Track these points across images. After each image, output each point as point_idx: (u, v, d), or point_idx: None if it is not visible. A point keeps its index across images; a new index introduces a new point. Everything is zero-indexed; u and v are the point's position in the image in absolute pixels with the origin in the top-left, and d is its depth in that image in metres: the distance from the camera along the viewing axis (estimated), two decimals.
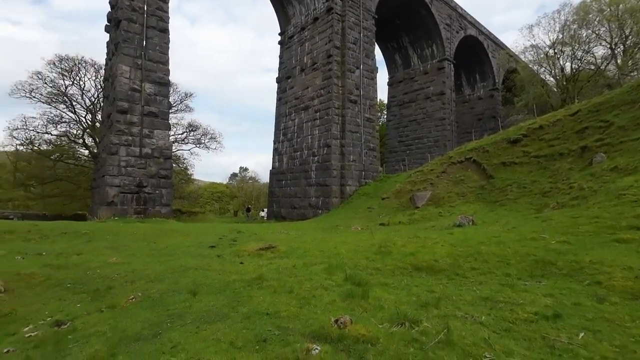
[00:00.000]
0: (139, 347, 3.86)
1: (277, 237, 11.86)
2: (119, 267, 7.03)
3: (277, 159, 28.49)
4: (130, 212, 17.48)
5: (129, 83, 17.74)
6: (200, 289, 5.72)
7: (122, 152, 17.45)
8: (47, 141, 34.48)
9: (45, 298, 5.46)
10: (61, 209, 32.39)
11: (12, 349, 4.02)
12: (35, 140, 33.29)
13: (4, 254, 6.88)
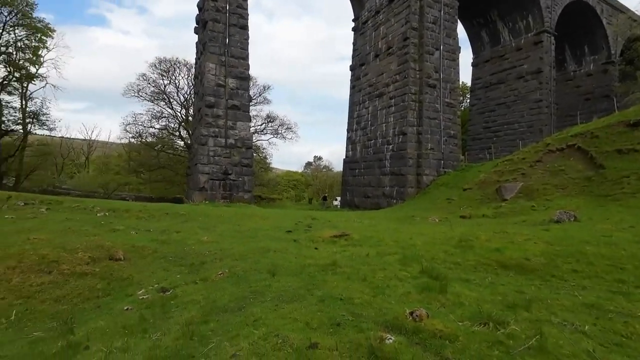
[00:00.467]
0: (226, 318, 4.27)
1: (350, 225, 11.95)
2: (209, 246, 7.84)
3: (350, 148, 28.51)
4: (218, 197, 19.35)
5: (215, 79, 19.43)
6: (278, 270, 6.07)
7: (210, 142, 19.32)
8: (151, 134, 40.04)
9: (153, 268, 6.38)
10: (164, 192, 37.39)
11: (130, 307, 4.80)
12: (143, 134, 38.93)
13: (123, 229, 8.24)
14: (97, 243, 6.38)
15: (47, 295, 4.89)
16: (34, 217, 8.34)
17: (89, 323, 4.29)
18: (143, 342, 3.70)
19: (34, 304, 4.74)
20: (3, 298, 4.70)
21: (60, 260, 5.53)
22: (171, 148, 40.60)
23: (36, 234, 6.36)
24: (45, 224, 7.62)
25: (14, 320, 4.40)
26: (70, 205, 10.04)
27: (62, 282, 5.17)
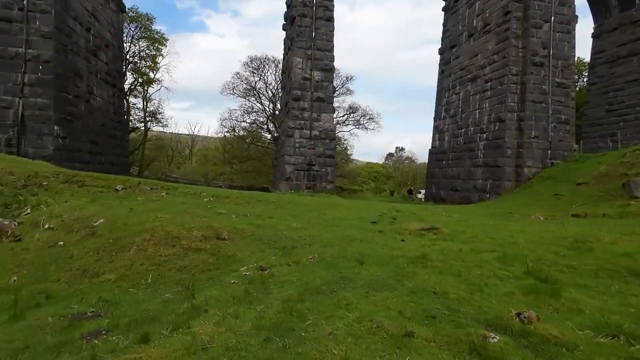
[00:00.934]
0: (320, 299, 4.51)
1: (437, 219, 11.38)
2: (299, 232, 8.30)
3: (437, 138, 26.91)
4: (302, 187, 20.30)
5: (301, 73, 20.24)
6: (366, 259, 6.14)
7: (296, 134, 20.29)
8: (243, 128, 43.83)
9: (252, 248, 7.04)
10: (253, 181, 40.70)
11: (236, 281, 5.40)
12: (236, 128, 42.83)
13: (225, 212, 9.28)
14: (207, 224, 7.30)
15: (172, 265, 5.82)
16: (158, 200, 9.93)
17: (205, 291, 4.97)
18: (250, 311, 4.15)
19: (163, 271, 5.69)
20: (142, 264, 5.75)
21: (180, 236, 6.51)
22: (260, 141, 43.87)
23: (161, 213, 7.57)
24: (167, 205, 9.01)
25: (150, 282, 5.36)
26: (183, 191, 11.66)
27: (182, 255, 6.09)
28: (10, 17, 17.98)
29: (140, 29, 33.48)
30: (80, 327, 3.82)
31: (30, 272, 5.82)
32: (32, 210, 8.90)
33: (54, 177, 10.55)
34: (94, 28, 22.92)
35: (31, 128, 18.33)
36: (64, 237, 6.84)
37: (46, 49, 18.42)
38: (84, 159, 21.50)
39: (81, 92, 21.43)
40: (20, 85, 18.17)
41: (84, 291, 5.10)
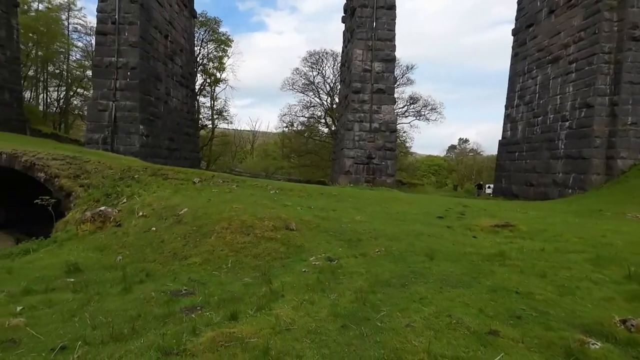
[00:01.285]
0: (391, 291, 4.52)
1: (512, 215, 10.57)
2: (363, 225, 8.34)
3: (509, 127, 24.76)
4: (362, 180, 20.21)
5: (361, 65, 20.02)
6: (436, 254, 5.98)
7: (356, 127, 20.21)
8: (301, 123, 44.84)
9: (318, 239, 7.26)
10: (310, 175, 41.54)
11: (307, 270, 5.64)
12: (294, 122, 43.98)
13: (291, 204, 9.66)
14: (277, 215, 7.69)
15: (248, 252, 6.27)
16: (230, 192, 10.69)
17: (279, 277, 5.27)
18: (324, 299, 4.32)
19: (241, 257, 6.15)
20: (222, 250, 6.29)
21: (254, 225, 6.97)
22: (317, 135, 44.54)
23: (235, 204, 8.16)
24: (239, 197, 9.67)
25: (230, 267, 5.84)
26: (251, 183, 12.38)
27: (257, 243, 6.52)
28: (105, 30, 20.55)
29: (209, 32, 35.96)
30: (178, 302, 4.33)
31: (131, 253, 6.71)
32: (127, 199, 10.18)
33: (143, 171, 11.93)
34: (171, 35, 25.17)
35: (122, 128, 20.85)
36: (155, 223, 7.73)
37: (133, 56, 20.72)
38: (163, 154, 23.89)
39: (161, 94, 23.77)
40: (113, 90, 20.73)
41: (176, 271, 5.74)
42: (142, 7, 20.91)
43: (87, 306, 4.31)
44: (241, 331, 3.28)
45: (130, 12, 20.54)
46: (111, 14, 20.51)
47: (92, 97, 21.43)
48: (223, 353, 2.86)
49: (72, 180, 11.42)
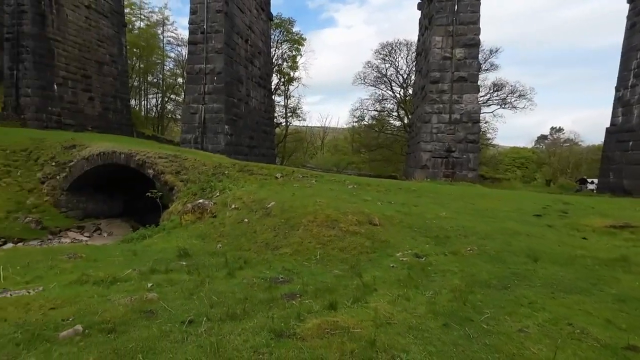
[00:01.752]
0: (491, 293, 4.24)
1: (630, 214, 9.04)
2: (449, 221, 7.94)
3: (620, 112, 21.05)
4: (440, 175, 19.18)
5: (440, 52, 18.90)
6: (539, 256, 5.43)
7: (433, 119, 19.22)
8: (372, 117, 44.17)
9: (402, 235, 7.12)
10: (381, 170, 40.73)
11: (395, 265, 5.59)
12: (365, 117, 43.52)
13: (371, 199, 9.64)
14: (359, 209, 7.75)
15: (334, 245, 6.45)
16: (310, 187, 11.07)
17: (368, 271, 5.32)
18: (418, 296, 4.24)
19: (328, 249, 6.35)
20: (310, 242, 6.57)
21: (338, 220, 7.13)
22: (388, 128, 43.47)
23: (318, 198, 8.43)
24: (320, 192, 9.97)
25: (319, 258, 6.08)
26: (329, 178, 12.65)
27: (342, 237, 6.67)
28: (195, 40, 22.80)
29: (283, 33, 37.46)
30: (278, 289, 4.65)
31: (229, 242, 7.41)
32: (219, 193, 11.22)
33: (232, 167, 13.01)
34: (250, 39, 26.86)
35: (210, 128, 22.98)
36: (247, 215, 8.40)
37: (219, 62, 22.63)
38: (244, 151, 25.72)
39: (242, 95, 25.58)
40: (202, 94, 22.95)
41: (269, 260, 6.17)
42: (226, 15, 22.67)
43: (201, 287, 4.87)
44: (344, 321, 3.40)
45: (216, 21, 22.43)
46: (200, 24, 22.65)
47: (185, 102, 24.03)
48: (331, 340, 3.00)
49: (174, 176, 12.99)
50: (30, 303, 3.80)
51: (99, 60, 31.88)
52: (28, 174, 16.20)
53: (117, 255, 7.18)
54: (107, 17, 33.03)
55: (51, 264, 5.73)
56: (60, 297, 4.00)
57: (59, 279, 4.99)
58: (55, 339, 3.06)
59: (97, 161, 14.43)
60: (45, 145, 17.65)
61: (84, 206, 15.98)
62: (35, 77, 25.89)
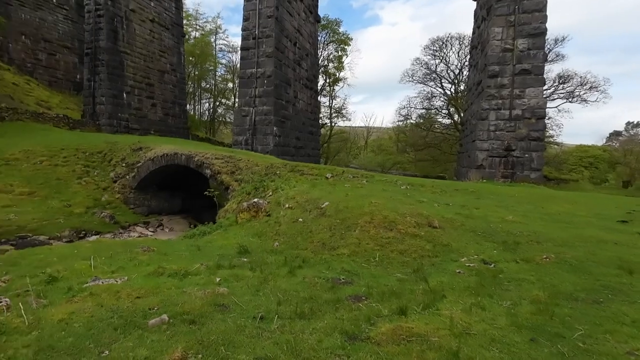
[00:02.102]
0: (580, 307, 3.82)
1: None
2: (517, 226, 7.36)
3: None
4: (497, 176, 17.96)
5: (500, 45, 17.70)
6: (635, 267, 4.80)
7: (491, 116, 18.04)
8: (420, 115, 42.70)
9: (465, 239, 6.73)
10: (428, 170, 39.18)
11: (461, 271, 5.28)
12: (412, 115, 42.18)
13: (427, 201, 9.26)
14: (417, 211, 7.47)
15: (393, 247, 6.27)
16: (362, 187, 10.93)
17: (433, 276, 5.08)
18: (494, 305, 3.94)
19: (386, 252, 6.19)
20: (367, 243, 6.45)
21: (396, 221, 6.92)
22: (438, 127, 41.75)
23: (373, 199, 8.28)
24: (372, 192, 9.79)
25: (378, 260, 5.94)
26: (380, 179, 12.40)
27: (401, 239, 6.46)
28: (247, 45, 23.71)
29: (330, 34, 37.64)
30: (341, 290, 4.60)
31: (285, 240, 7.53)
32: (272, 192, 11.49)
33: (283, 167, 13.28)
34: (299, 42, 27.32)
35: (259, 130, 23.75)
36: (301, 215, 8.49)
37: (269, 66, 23.31)
38: (291, 152, 26.21)
39: (290, 97, 26.10)
40: (253, 97, 23.78)
41: (327, 260, 6.15)
42: (277, 20, 23.28)
43: (265, 284, 4.99)
44: (418, 327, 3.25)
45: (267, 26, 23.12)
46: (252, 30, 23.51)
47: (237, 105, 25.09)
48: (409, 347, 2.88)
49: (229, 176, 13.57)
50: (120, 291, 4.14)
51: (160, 70, 34.47)
52: (103, 173, 17.95)
53: (183, 249, 7.62)
54: (168, 29, 35.60)
55: (130, 256, 6.23)
56: (144, 287, 4.31)
57: (139, 270, 5.39)
58: (146, 326, 3.28)
59: (161, 162, 15.54)
60: (117, 148, 19.43)
61: (149, 203, 17.30)
62: (108, 87, 28.66)
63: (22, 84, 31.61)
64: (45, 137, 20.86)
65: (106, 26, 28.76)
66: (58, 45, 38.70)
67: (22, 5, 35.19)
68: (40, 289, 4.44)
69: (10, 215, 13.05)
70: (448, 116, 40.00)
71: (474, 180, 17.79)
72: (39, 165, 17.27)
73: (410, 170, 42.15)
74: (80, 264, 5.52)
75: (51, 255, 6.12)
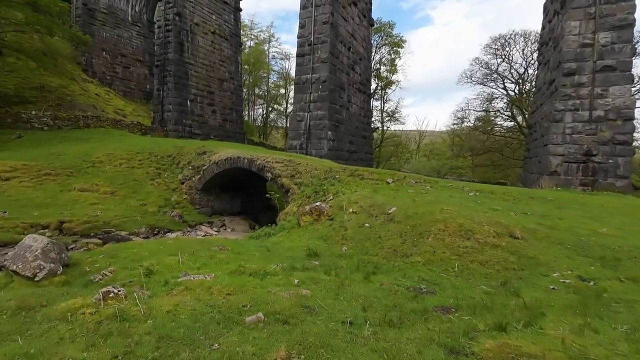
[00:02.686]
0: None
1: None
2: (613, 240, 6.61)
3: None
4: (575, 184, 16.29)
5: (578, 40, 16.14)
6: None
7: (567, 118, 16.48)
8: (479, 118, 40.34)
9: (553, 252, 6.16)
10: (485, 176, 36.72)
11: (556, 287, 4.82)
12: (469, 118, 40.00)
13: (501, 209, 8.65)
14: (494, 219, 7.01)
15: (473, 257, 5.92)
16: (427, 193, 10.55)
17: (523, 291, 4.69)
18: (607, 328, 3.53)
19: (465, 262, 5.87)
20: (443, 252, 6.18)
21: (473, 230, 6.55)
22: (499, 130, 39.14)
23: (442, 205, 7.93)
24: (439, 198, 9.40)
25: (457, 271, 5.65)
26: (445, 184, 11.88)
27: (480, 249, 6.09)
28: (303, 52, 24.28)
29: (383, 36, 37.23)
30: (424, 300, 4.44)
31: (353, 245, 7.49)
32: (333, 196, 11.54)
33: (342, 172, 13.31)
34: (352, 46, 27.38)
35: (314, 134, 24.10)
36: (367, 220, 8.40)
37: (323, 71, 23.63)
38: (344, 156, 26.22)
39: (344, 102, 26.19)
40: (308, 102, 24.24)
41: (401, 268, 5.99)
42: (332, 26, 23.58)
43: (342, 288, 4.98)
44: (527, 347, 3.01)
45: (323, 32, 23.50)
46: (308, 37, 24.04)
47: (292, 110, 25.74)
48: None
49: (289, 179, 13.91)
50: (211, 287, 4.39)
51: (220, 78, 36.63)
52: (172, 175, 19.43)
53: (252, 249, 7.92)
54: (227, 40, 37.75)
55: (209, 254, 6.62)
56: (231, 284, 4.53)
57: (221, 267, 5.70)
58: (243, 323, 3.43)
59: (225, 165, 16.43)
60: (184, 152, 20.94)
61: (212, 204, 18.35)
62: (175, 96, 31.08)
63: (102, 95, 35.52)
64: (122, 141, 23.15)
65: (174, 39, 31.28)
66: (132, 59, 42.92)
67: (104, 25, 39.60)
68: (143, 280, 4.86)
69: (97, 212, 14.61)
70: (511, 118, 37.34)
71: (547, 188, 16.34)
72: (119, 167, 19.17)
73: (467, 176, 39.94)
74: (168, 259, 5.97)
75: (142, 250, 6.71)
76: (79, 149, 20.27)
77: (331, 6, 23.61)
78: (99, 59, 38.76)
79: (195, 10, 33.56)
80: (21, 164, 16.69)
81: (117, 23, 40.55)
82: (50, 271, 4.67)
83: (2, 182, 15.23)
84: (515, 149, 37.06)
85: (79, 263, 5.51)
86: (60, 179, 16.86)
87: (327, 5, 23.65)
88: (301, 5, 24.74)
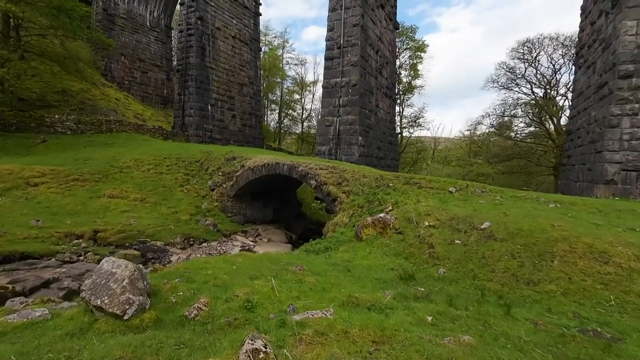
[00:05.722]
0: None
1: None
2: None
3: None
4: (635, 193, 15.17)
5: (634, 40, 15.15)
6: None
7: (624, 123, 15.42)
8: (495, 124, 39.19)
9: None
10: (511, 184, 35.38)
11: None
12: (493, 123, 38.83)
13: (602, 224, 7.64)
14: (624, 239, 6.00)
15: (624, 287, 4.93)
16: (501, 203, 9.54)
17: None
18: None
19: (617, 293, 4.87)
20: (582, 280, 5.18)
21: (606, 251, 5.57)
22: (520, 135, 37.97)
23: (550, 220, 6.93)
24: (529, 211, 8.40)
25: (616, 306, 4.65)
26: (514, 194, 10.84)
27: (628, 276, 5.10)
28: (332, 55, 23.53)
29: (405, 41, 36.47)
30: (621, 351, 3.46)
31: (452, 267, 6.52)
32: (392, 207, 10.59)
33: (396, 179, 12.37)
34: (380, 50, 26.60)
35: (343, 139, 23.24)
36: (455, 235, 7.43)
37: (354, 75, 22.84)
38: (373, 162, 25.29)
39: (372, 106, 25.35)
40: (337, 107, 23.43)
41: (535, 299, 5.02)
42: (362, 28, 22.83)
43: (487, 329, 4.02)
44: None
45: (353, 35, 22.75)
46: (337, 40, 23.31)
47: (321, 115, 24.93)
48: None
49: (336, 187, 12.99)
50: (347, 332, 3.47)
51: (240, 83, 36.07)
52: (201, 181, 18.64)
53: (328, 269, 6.97)
54: (247, 44, 37.27)
55: (295, 277, 5.70)
56: (363, 325, 3.60)
57: (324, 297, 4.77)
58: None
59: (262, 171, 15.57)
60: (212, 157, 20.18)
61: (244, 212, 17.48)
62: (196, 100, 30.49)
63: (122, 99, 35.13)
64: (148, 146, 22.48)
65: (196, 44, 30.79)
66: (150, 64, 42.67)
67: (123, 30, 39.42)
68: (247, 317, 3.95)
69: (130, 220, 13.81)
70: (539, 124, 36.14)
71: (603, 198, 15.23)
72: (147, 172, 18.43)
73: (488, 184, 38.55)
74: (257, 284, 5.06)
75: (217, 271, 5.81)
76: (105, 154, 19.62)
77: (362, 8, 22.90)
78: (117, 64, 38.53)
79: (217, 15, 33.13)
80: (49, 169, 16.03)
81: (135, 28, 40.39)
82: (140, 306, 3.79)
83: (31, 188, 14.55)
84: (540, 155, 35.89)
85: (158, 290, 4.63)
86: (88, 184, 16.15)
87: (357, 8, 22.95)
88: (330, 7, 24.07)
